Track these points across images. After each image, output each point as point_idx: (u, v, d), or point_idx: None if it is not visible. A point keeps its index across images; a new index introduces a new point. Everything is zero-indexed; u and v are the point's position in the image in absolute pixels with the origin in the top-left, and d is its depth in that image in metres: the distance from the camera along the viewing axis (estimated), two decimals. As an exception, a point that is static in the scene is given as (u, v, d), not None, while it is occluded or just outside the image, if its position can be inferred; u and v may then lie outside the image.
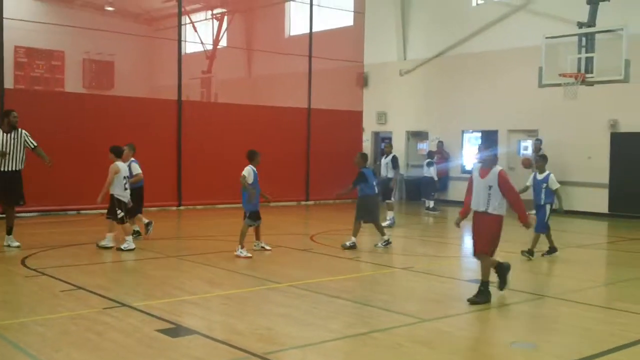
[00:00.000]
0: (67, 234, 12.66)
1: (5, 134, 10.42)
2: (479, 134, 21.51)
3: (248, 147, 18.82)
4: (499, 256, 7.89)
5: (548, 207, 10.54)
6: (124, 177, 10.55)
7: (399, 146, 22.74)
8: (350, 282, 8.65)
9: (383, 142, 21.99)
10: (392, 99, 22.95)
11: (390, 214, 14.79)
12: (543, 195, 10.50)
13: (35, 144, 10.83)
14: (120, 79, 25.61)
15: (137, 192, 11.41)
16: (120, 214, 10.42)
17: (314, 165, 20.54)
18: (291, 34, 24.91)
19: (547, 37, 15.14)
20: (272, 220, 16.16)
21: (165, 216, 16.37)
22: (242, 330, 6.10)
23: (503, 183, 7.33)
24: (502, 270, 7.71)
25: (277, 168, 19.55)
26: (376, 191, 11.56)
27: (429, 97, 21.90)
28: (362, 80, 22.72)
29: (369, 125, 23.02)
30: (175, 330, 6.03)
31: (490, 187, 7.34)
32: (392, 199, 15.20)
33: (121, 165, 10.61)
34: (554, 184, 10.55)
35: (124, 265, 9.45)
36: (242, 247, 10.09)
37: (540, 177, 10.62)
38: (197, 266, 9.47)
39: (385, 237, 11.47)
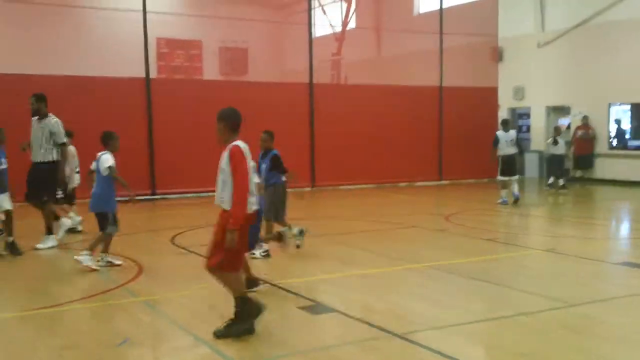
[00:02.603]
0: (211, 214, 13.27)
1: (36, 121, 9.31)
2: (628, 107, 20.08)
3: (379, 128, 19.15)
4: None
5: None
6: None
7: (538, 122, 21.76)
8: (489, 263, 8.41)
9: (514, 120, 21.07)
10: (530, 73, 21.88)
11: (504, 192, 14.26)
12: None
13: (62, 141, 9.23)
14: (254, 65, 26.39)
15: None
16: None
17: (447, 144, 20.15)
18: (420, 11, 24.45)
19: None
20: (406, 200, 16.08)
21: (299, 197, 16.76)
22: (380, 309, 6.11)
23: (233, 165, 5.18)
24: (248, 309, 5.30)
25: (409, 148, 19.42)
26: (283, 179, 8.96)
27: (571, 69, 20.66)
28: (497, 55, 21.87)
29: (505, 102, 22.16)
30: (315, 308, 6.15)
31: (222, 170, 5.28)
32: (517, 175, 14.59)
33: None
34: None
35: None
36: (92, 253, 7.88)
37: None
38: (333, 245, 9.60)
39: (266, 247, 8.53)
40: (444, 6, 20.27)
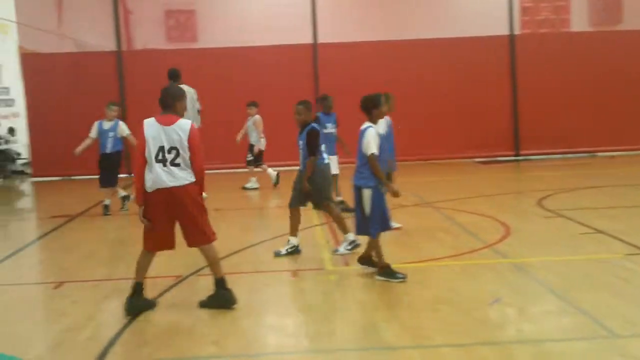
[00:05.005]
0: (579, 176, 12.48)
1: None
2: None
3: None
4: None
5: None
6: None
7: None
8: None
9: None
10: None
11: None
12: None
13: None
14: (629, 11, 23.75)
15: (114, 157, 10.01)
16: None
17: None
18: None
19: None
20: None
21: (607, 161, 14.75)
22: None
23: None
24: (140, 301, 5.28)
25: None
26: (327, 159, 7.01)
27: None
28: None
29: None
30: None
31: None
32: None
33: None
34: None
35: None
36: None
37: None
38: None
39: (350, 237, 6.85)
40: None
